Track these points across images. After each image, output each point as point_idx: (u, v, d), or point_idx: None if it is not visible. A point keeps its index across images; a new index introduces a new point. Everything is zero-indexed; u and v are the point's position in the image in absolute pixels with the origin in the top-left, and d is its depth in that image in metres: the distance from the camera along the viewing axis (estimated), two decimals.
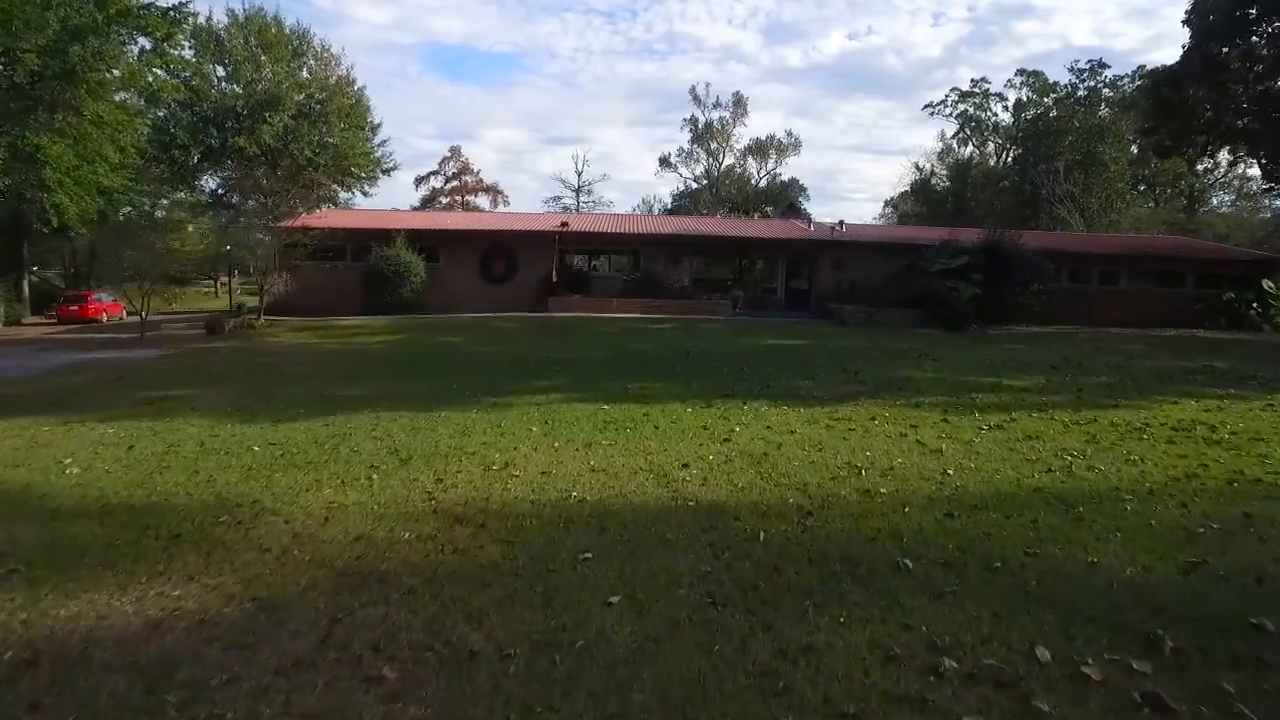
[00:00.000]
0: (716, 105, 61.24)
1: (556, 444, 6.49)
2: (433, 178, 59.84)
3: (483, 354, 13.41)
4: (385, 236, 20.74)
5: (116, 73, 21.22)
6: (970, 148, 58.34)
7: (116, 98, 22.62)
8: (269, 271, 19.23)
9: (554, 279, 20.89)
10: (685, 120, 62.38)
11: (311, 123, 29.15)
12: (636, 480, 5.39)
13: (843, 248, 23.02)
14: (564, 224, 22.74)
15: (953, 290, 18.49)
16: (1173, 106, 22.69)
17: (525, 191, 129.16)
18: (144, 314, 17.52)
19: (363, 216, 25.09)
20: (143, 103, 24.32)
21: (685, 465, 5.77)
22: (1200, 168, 53.74)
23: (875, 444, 6.46)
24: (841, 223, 24.89)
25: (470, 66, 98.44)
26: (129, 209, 27.28)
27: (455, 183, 60.03)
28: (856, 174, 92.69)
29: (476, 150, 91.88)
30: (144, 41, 22.13)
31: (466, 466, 5.77)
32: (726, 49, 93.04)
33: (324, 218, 21.89)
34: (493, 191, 60.87)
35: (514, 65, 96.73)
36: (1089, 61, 45.37)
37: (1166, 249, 24.55)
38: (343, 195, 33.90)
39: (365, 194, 33.07)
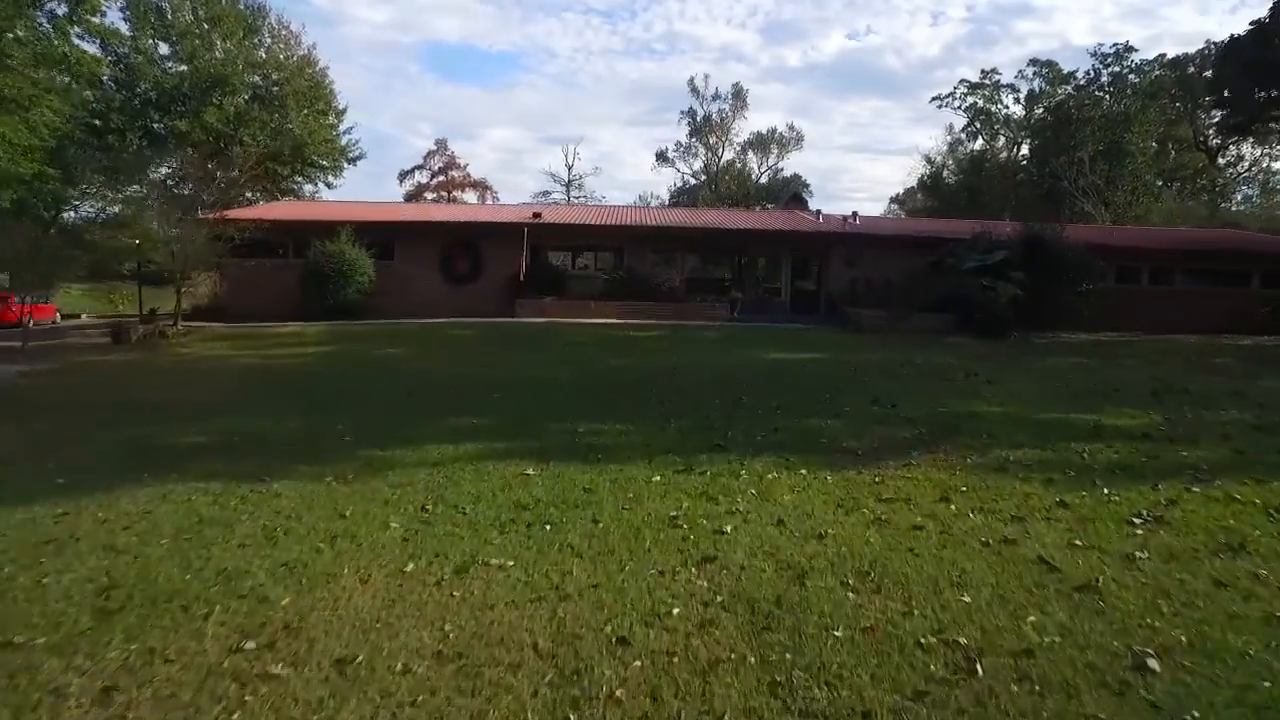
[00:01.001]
0: (716, 97, 58.58)
1: (410, 566, 3.71)
2: (418, 173, 57.13)
3: (412, 373, 10.63)
4: (330, 230, 17.94)
5: (20, 34, 18.39)
6: (980, 141, 55.77)
7: (39, 73, 19.91)
8: (188, 271, 16.42)
9: (523, 279, 18.08)
10: (683, 112, 59.53)
11: (266, 107, 26.38)
12: (514, 697, 2.59)
13: (857, 242, 20.19)
14: (536, 215, 19.94)
15: (989, 291, 15.68)
16: (1261, 69, 19.40)
17: (524, 191, 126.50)
18: (26, 320, 14.77)
19: (304, 208, 22.27)
20: (68, 79, 21.51)
21: (622, 640, 2.97)
22: (1222, 161, 51.61)
23: (971, 568, 3.66)
24: (854, 214, 22.08)
25: (470, 66, 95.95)
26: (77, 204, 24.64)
27: (442, 178, 57.32)
28: (857, 173, 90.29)
29: (476, 150, 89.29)
30: (56, 7, 19.36)
31: (198, 641, 2.98)
32: (725, 48, 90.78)
33: (258, 209, 19.14)
34: (481, 187, 58.13)
35: (513, 65, 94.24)
36: (1114, 45, 42.53)
37: (1229, 244, 21.64)
38: (307, 188, 31.18)
39: (329, 185, 30.28)
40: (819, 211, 23.29)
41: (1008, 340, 15.47)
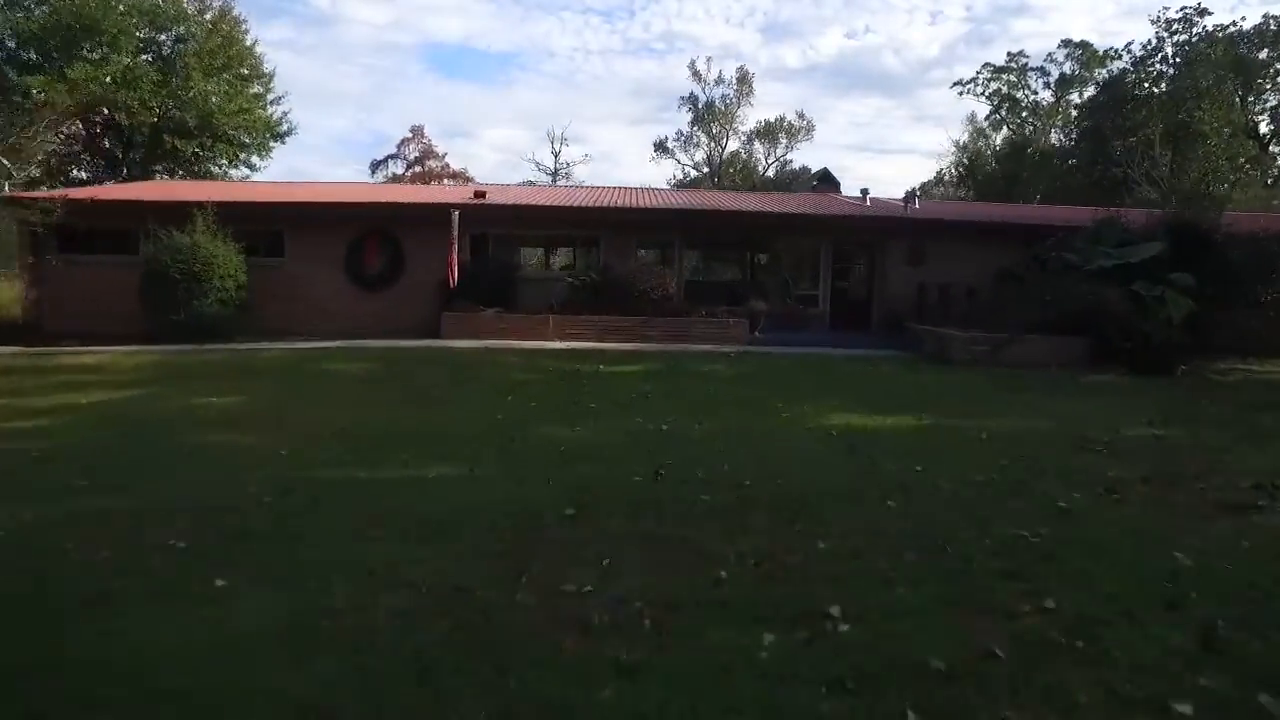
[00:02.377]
0: (719, 82, 53.36)
1: None
2: (391, 162, 52.01)
3: (190, 465, 5.37)
4: (187, 216, 12.63)
5: None
6: (1005, 130, 50.70)
7: None
8: None
9: (452, 283, 12.81)
10: (683, 99, 54.19)
11: (157, 66, 21.18)
12: None
13: (923, 232, 14.91)
14: (479, 195, 14.75)
15: (1146, 304, 10.43)
16: None
17: None
18: None
19: (148, 187, 16.94)
20: None
21: None
22: (1275, 149, 46.60)
23: None
24: (913, 193, 16.76)
25: (470, 66, 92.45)
26: None
27: (418, 168, 52.13)
28: (855, 172, 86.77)
29: (478, 149, 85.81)
30: None
31: None
32: (725, 48, 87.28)
33: (79, 190, 13.98)
34: (463, 179, 52.99)
35: (512, 64, 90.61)
36: (1182, 10, 37.19)
37: None
38: (234, 173, 25.98)
39: (252, 167, 25.01)
40: (865, 191, 17.91)
41: (1176, 377, 10.25)
